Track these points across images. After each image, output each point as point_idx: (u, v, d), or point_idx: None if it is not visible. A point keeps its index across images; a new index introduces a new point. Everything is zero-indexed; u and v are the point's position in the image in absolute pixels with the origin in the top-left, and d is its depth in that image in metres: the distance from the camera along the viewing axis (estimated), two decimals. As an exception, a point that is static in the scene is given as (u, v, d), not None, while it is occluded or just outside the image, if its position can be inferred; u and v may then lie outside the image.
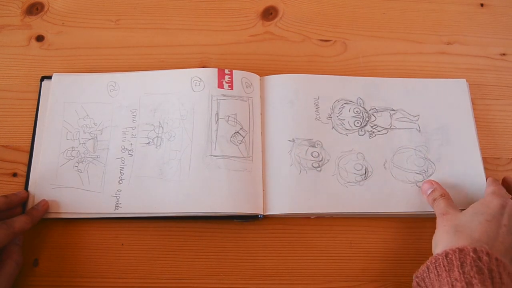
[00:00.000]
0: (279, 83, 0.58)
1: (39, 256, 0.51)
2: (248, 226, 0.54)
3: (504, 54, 0.65)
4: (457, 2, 0.68)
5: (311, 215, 0.54)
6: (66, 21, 0.63)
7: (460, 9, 0.68)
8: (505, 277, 0.41)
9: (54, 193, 0.52)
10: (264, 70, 0.60)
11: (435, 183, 0.54)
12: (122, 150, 0.55)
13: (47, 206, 0.51)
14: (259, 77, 0.59)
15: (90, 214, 0.52)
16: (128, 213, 0.52)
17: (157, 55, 0.62)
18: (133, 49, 0.62)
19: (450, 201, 0.51)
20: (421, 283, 0.44)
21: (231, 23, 0.65)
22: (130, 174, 0.53)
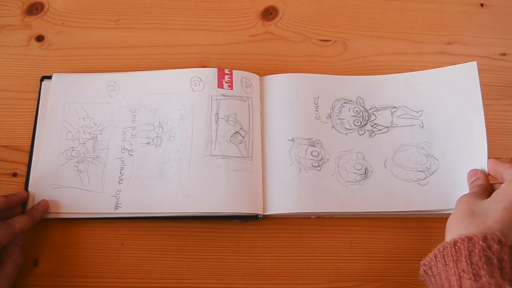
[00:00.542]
0: (278, 82, 0.58)
1: (39, 256, 0.51)
2: (248, 226, 0.54)
3: (504, 54, 0.65)
4: (457, 2, 0.68)
5: (311, 215, 0.54)
6: (66, 21, 0.63)
7: (460, 9, 0.68)
8: None
9: (54, 193, 0.52)
10: (264, 70, 0.60)
11: (481, 172, 0.51)
12: (122, 150, 0.55)
13: (47, 206, 0.51)
14: (259, 77, 0.59)
15: (90, 214, 0.52)
16: (128, 213, 0.52)
17: (157, 55, 0.62)
18: (133, 49, 0.62)
19: (486, 192, 0.48)
20: (428, 271, 0.43)
21: (231, 23, 0.65)
22: (130, 174, 0.53)
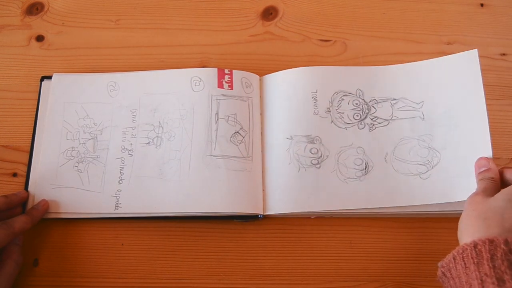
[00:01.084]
0: (278, 81, 0.58)
1: (39, 256, 0.51)
2: (248, 226, 0.54)
3: (504, 54, 0.65)
4: (457, 2, 0.68)
5: (311, 214, 0.54)
6: (66, 21, 0.63)
7: (460, 9, 0.68)
8: None
9: (54, 193, 0.52)
10: (264, 70, 0.60)
11: (492, 163, 0.49)
12: (122, 150, 0.55)
13: (47, 206, 0.51)
14: (258, 77, 0.59)
15: (90, 214, 0.52)
16: (128, 213, 0.52)
17: (157, 55, 0.62)
18: (133, 49, 0.62)
19: (496, 186, 0.47)
20: (447, 273, 0.42)
21: (231, 23, 0.65)
22: (130, 174, 0.53)
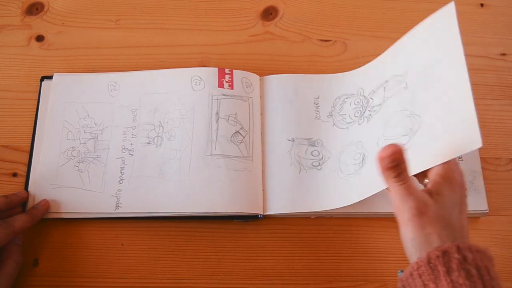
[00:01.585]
0: (278, 83, 0.58)
1: (39, 256, 0.51)
2: (248, 226, 0.54)
3: (504, 54, 0.65)
4: (457, 2, 0.68)
5: (311, 214, 0.54)
6: (66, 21, 0.63)
7: (460, 9, 0.67)
8: (490, 266, 0.39)
9: (54, 193, 0.52)
10: (264, 70, 0.60)
11: (399, 152, 0.39)
12: (122, 150, 0.54)
13: (48, 205, 0.51)
14: (259, 77, 0.59)
15: (91, 214, 0.52)
16: (128, 213, 0.52)
17: (157, 55, 0.62)
18: (133, 49, 0.62)
19: (411, 180, 0.41)
20: (407, 287, 0.42)
21: (231, 23, 0.65)
22: (130, 173, 0.53)
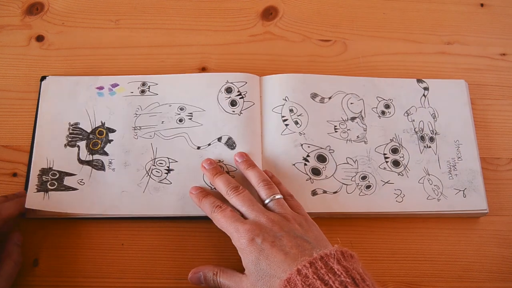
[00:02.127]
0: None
1: (39, 256, 0.51)
2: (248, 226, 0.54)
3: (504, 54, 0.65)
4: (457, 2, 0.68)
5: (311, 215, 0.54)
6: (66, 21, 0.63)
7: (460, 9, 0.68)
8: (335, 263, 0.39)
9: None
10: (264, 70, 0.60)
11: (200, 268, 0.48)
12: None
13: (24, 193, 0.51)
14: (258, 77, 0.59)
15: (91, 214, 0.52)
16: (127, 212, 0.52)
17: (157, 55, 0.62)
18: (133, 49, 0.62)
19: (226, 272, 0.47)
20: None
21: (231, 23, 0.65)
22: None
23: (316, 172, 0.54)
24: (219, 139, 0.54)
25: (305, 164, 0.54)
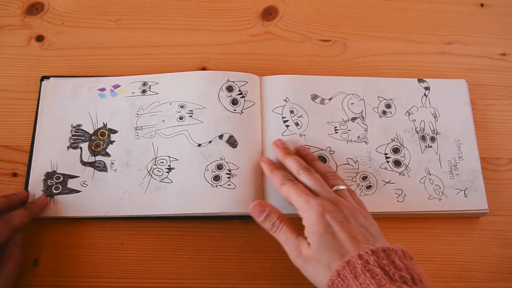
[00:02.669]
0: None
1: (39, 256, 0.51)
2: (248, 226, 0.54)
3: (504, 54, 0.65)
4: (457, 2, 0.68)
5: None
6: (66, 21, 0.63)
7: (460, 9, 0.68)
8: (397, 259, 0.39)
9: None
10: (264, 70, 0.60)
11: (267, 204, 0.47)
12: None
13: (46, 201, 0.51)
14: (259, 77, 0.59)
15: (91, 214, 0.52)
16: (128, 213, 0.52)
17: (157, 55, 0.62)
18: (133, 49, 0.62)
19: (290, 225, 0.46)
20: None
21: (231, 23, 0.65)
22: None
23: None
24: (220, 136, 0.54)
25: None
